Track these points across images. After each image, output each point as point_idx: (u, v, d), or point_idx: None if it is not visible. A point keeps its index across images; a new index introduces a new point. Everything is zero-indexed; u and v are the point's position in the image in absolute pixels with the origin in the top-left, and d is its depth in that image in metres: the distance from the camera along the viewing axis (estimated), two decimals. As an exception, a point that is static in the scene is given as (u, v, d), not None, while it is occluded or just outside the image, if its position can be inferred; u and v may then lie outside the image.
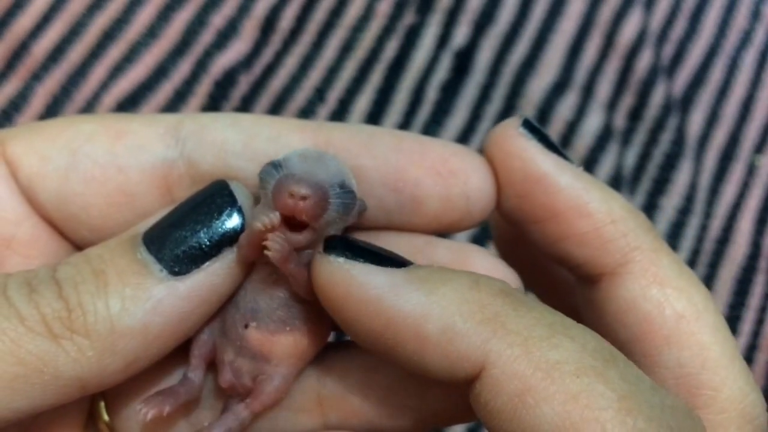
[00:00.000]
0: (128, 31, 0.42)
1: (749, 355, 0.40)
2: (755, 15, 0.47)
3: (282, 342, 0.22)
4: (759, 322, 0.41)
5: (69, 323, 0.20)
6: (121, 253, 0.21)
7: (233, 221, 0.21)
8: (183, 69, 0.41)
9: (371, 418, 0.23)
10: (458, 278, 0.19)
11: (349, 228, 0.22)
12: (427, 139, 0.23)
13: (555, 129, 0.42)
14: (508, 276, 0.22)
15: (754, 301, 0.42)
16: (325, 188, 0.20)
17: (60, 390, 0.20)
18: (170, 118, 0.23)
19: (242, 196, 0.21)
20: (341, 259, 0.20)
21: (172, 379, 0.23)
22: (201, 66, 0.41)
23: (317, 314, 0.22)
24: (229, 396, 0.23)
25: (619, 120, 0.43)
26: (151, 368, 0.22)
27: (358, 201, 0.21)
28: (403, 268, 0.20)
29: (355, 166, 0.22)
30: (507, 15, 0.44)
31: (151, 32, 0.42)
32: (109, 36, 0.41)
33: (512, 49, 0.44)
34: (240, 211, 0.21)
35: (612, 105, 0.43)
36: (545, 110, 0.42)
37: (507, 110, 0.43)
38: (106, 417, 0.24)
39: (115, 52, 0.41)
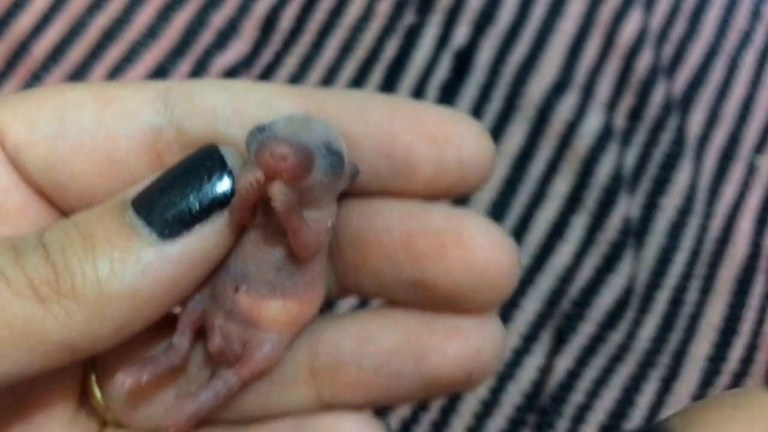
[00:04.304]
0: (128, 31, 0.42)
1: (749, 355, 0.40)
2: (755, 15, 0.47)
3: (272, 307, 0.22)
4: (759, 322, 0.41)
5: (56, 287, 0.20)
6: (109, 217, 0.21)
7: (223, 185, 0.21)
8: (183, 69, 0.41)
9: (365, 388, 0.23)
10: None
11: (342, 193, 0.22)
12: (422, 104, 0.22)
13: (555, 129, 0.42)
14: (506, 244, 0.22)
15: (754, 301, 0.42)
16: (308, 149, 0.20)
17: (48, 354, 0.20)
18: (159, 84, 0.23)
19: (232, 160, 0.21)
20: None
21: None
22: (201, 66, 0.41)
23: (309, 280, 0.22)
24: (217, 363, 0.23)
25: (619, 120, 0.43)
26: (143, 341, 0.22)
27: (350, 165, 0.21)
28: None
29: (347, 132, 0.22)
30: (507, 15, 0.44)
31: (151, 32, 0.42)
32: (109, 36, 0.41)
33: (512, 49, 0.44)
34: (230, 175, 0.21)
35: (612, 105, 0.43)
36: (545, 110, 0.42)
37: (507, 110, 0.43)
38: (98, 393, 0.24)
39: (115, 52, 0.41)
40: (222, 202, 0.21)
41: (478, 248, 0.21)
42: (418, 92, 0.42)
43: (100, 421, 0.25)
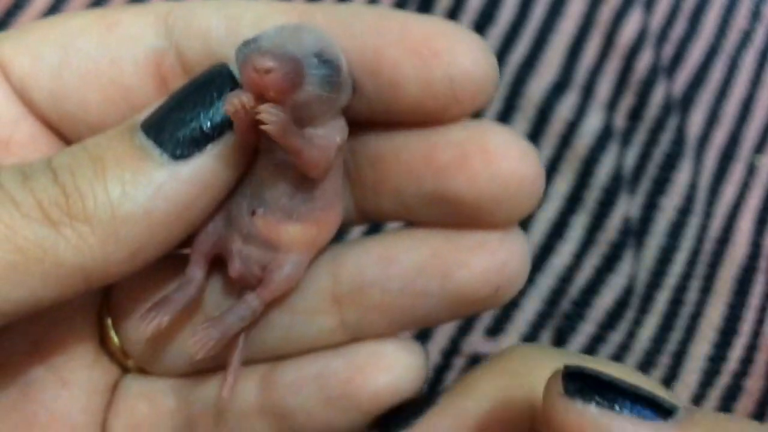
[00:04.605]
0: (128, 31, 0.41)
1: (749, 355, 0.40)
2: (755, 15, 0.47)
3: (289, 231, 0.21)
4: (759, 322, 0.41)
5: (67, 209, 0.19)
6: (119, 139, 0.20)
7: None
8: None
9: (391, 311, 0.22)
10: None
11: (344, 113, 0.21)
12: (412, 16, 0.21)
13: (555, 129, 0.42)
14: (530, 154, 0.21)
15: (754, 301, 0.42)
16: (296, 60, 0.19)
17: (62, 280, 0.19)
18: (160, 6, 0.23)
19: None
20: (594, 409, 0.17)
21: None
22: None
23: (325, 202, 0.22)
24: (240, 289, 0.22)
25: (619, 120, 0.43)
26: (154, 285, 0.22)
27: (351, 76, 0.20)
28: (676, 422, 0.17)
29: None
30: (507, 15, 0.44)
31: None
32: (109, 36, 0.41)
33: (512, 49, 0.44)
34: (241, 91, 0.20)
35: (612, 105, 0.43)
36: (545, 110, 0.42)
37: (507, 110, 0.42)
38: (115, 338, 0.24)
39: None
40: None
41: (502, 158, 0.21)
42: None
43: (121, 365, 0.25)
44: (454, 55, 0.20)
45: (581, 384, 0.17)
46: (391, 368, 0.22)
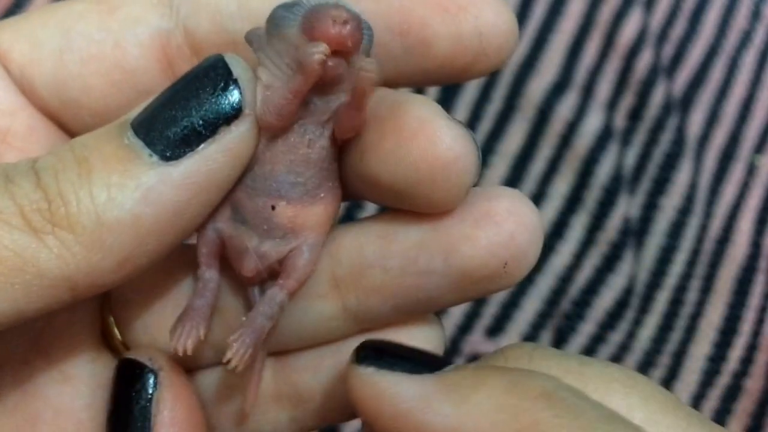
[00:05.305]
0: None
1: (749, 355, 0.40)
2: (755, 15, 0.47)
3: (315, 211, 0.21)
4: (759, 322, 0.41)
5: (49, 215, 0.18)
6: (106, 139, 0.19)
7: (230, 97, 0.19)
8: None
9: (393, 292, 0.21)
10: (493, 381, 0.17)
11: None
12: None
13: (555, 129, 0.42)
14: (450, 134, 0.19)
15: (754, 301, 0.42)
16: (357, 15, 0.19)
17: (46, 291, 0.18)
18: None
19: (239, 69, 0.20)
20: (371, 370, 0.18)
21: (183, 286, 0.22)
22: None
23: (335, 175, 0.21)
24: (249, 286, 0.22)
25: (619, 120, 0.43)
26: (156, 277, 0.21)
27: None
28: (435, 374, 0.18)
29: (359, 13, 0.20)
30: (507, 15, 0.44)
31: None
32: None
33: (512, 49, 0.44)
34: (237, 85, 0.19)
35: (612, 105, 0.43)
36: (545, 110, 0.42)
37: (507, 110, 0.42)
38: (118, 335, 0.23)
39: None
40: (228, 116, 0.19)
41: (414, 138, 0.19)
42: (419, 92, 0.42)
43: None
44: (480, 9, 0.20)
45: (367, 353, 0.19)
46: (411, 341, 0.21)
